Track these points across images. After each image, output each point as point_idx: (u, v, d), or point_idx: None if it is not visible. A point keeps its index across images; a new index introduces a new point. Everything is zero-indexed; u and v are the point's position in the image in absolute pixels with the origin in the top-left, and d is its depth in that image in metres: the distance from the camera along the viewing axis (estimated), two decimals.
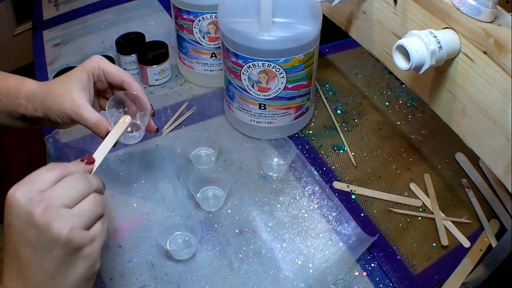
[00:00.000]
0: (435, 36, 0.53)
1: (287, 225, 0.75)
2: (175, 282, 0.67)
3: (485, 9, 0.52)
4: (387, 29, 0.67)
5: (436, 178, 0.83)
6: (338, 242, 0.72)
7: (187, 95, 0.98)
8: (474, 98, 0.55)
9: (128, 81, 0.66)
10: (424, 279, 0.69)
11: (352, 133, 0.91)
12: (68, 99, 0.62)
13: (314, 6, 0.77)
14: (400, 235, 0.74)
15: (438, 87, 0.60)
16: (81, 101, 0.62)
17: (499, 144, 0.53)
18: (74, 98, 0.62)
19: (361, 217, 0.77)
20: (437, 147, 0.88)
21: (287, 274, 0.69)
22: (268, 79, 0.79)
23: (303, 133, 0.91)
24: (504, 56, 0.49)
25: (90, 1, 1.29)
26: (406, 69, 0.54)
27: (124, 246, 0.72)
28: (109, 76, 0.66)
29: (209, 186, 0.79)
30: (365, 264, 0.70)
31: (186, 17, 0.90)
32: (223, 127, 0.91)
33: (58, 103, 0.62)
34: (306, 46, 0.77)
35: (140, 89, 0.67)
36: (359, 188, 0.81)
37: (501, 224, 0.76)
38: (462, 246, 0.73)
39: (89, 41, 1.14)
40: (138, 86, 0.67)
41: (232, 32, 0.77)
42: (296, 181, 0.81)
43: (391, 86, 1.02)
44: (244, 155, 0.86)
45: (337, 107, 0.96)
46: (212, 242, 0.72)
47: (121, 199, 0.78)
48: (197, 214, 0.76)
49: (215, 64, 0.96)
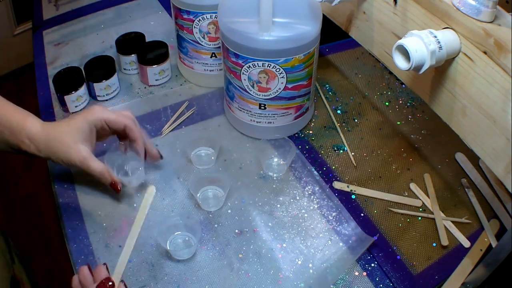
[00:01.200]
0: (435, 36, 0.53)
1: (287, 225, 0.75)
2: (175, 282, 0.67)
3: (485, 9, 0.52)
4: (387, 29, 0.67)
5: (436, 178, 0.83)
6: (338, 242, 0.72)
7: (187, 95, 0.98)
8: (474, 98, 0.55)
9: (130, 127, 0.74)
10: (424, 279, 0.69)
11: (352, 133, 0.91)
12: (75, 151, 0.69)
13: (314, 6, 0.77)
14: (400, 235, 0.74)
15: (438, 87, 0.60)
16: (87, 153, 0.70)
17: (499, 144, 0.53)
18: (80, 151, 0.69)
19: (361, 217, 0.77)
20: (437, 147, 0.88)
21: (287, 274, 0.69)
22: (268, 79, 0.79)
23: (303, 133, 0.91)
24: (504, 56, 0.49)
25: (90, 1, 1.29)
26: (406, 69, 0.54)
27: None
28: (112, 124, 0.73)
29: (209, 186, 0.79)
30: (365, 264, 0.70)
31: (186, 17, 0.90)
32: (223, 127, 0.91)
33: (64, 152, 0.69)
34: (306, 46, 0.77)
35: (141, 136, 0.75)
36: (359, 188, 0.81)
37: (501, 224, 0.76)
38: (462, 246, 0.73)
39: (89, 41, 1.14)
40: (138, 132, 0.75)
41: (232, 32, 0.77)
42: (296, 181, 0.81)
43: (391, 86, 1.02)
44: (244, 155, 0.86)
45: (337, 107, 0.96)
46: (212, 242, 0.72)
47: (121, 199, 0.78)
48: (197, 214, 0.76)
49: (215, 64, 0.96)
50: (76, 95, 0.91)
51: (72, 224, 0.74)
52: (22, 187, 1.92)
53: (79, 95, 0.92)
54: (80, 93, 0.92)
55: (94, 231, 0.73)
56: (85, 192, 0.79)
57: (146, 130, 0.90)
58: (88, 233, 0.73)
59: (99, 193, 0.79)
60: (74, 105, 0.92)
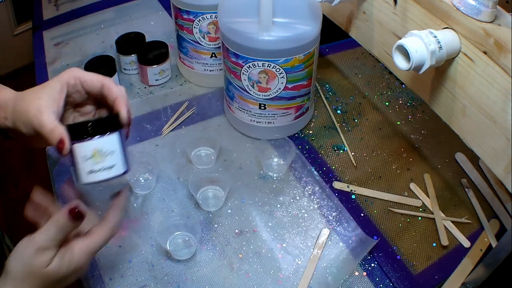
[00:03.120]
0: (435, 36, 0.53)
1: (287, 225, 0.75)
2: (175, 282, 0.67)
3: (485, 9, 0.52)
4: (387, 29, 0.67)
5: (436, 178, 0.83)
6: (338, 242, 0.72)
7: (187, 95, 0.98)
8: (474, 98, 0.55)
9: (108, 85, 0.61)
10: (424, 279, 0.69)
11: (352, 133, 0.91)
12: (34, 106, 0.58)
13: (314, 6, 0.77)
14: (400, 235, 0.74)
15: (438, 87, 0.60)
16: (45, 108, 0.58)
17: (499, 144, 0.53)
18: (40, 106, 0.58)
19: (361, 217, 0.77)
20: (437, 147, 0.88)
21: (287, 274, 0.69)
22: (268, 79, 0.79)
23: (303, 133, 0.91)
24: (504, 56, 0.49)
25: (90, 1, 1.29)
26: (406, 69, 0.54)
27: (124, 246, 0.72)
28: (88, 84, 0.61)
29: (209, 186, 0.79)
30: (365, 264, 0.70)
31: (186, 17, 0.90)
32: (223, 127, 0.91)
33: (25, 110, 0.58)
34: (306, 46, 0.77)
35: (122, 93, 0.61)
36: (359, 188, 0.81)
37: (501, 224, 0.76)
38: (462, 246, 0.73)
39: (89, 41, 1.14)
40: (119, 90, 0.61)
41: (232, 32, 0.77)
42: (296, 181, 0.81)
43: (391, 86, 1.02)
44: (244, 155, 0.86)
45: (337, 107, 0.96)
46: (212, 242, 0.72)
47: None
48: (197, 214, 0.76)
49: (215, 64, 0.96)
50: None
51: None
52: (22, 187, 1.92)
53: None
54: None
55: None
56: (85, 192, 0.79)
57: (146, 130, 0.90)
58: None
59: (99, 193, 0.79)
60: None
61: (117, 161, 0.54)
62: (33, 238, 0.53)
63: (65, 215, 0.53)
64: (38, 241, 0.52)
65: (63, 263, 0.53)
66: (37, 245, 0.52)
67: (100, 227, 0.57)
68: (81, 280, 0.68)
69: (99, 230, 0.57)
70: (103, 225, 0.57)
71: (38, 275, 0.52)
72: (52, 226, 0.53)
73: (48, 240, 0.53)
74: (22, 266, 0.52)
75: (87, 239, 0.56)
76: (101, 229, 0.57)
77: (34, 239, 0.52)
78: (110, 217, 0.58)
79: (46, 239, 0.53)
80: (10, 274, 0.52)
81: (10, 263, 0.52)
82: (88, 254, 0.55)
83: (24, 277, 0.52)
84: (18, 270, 0.52)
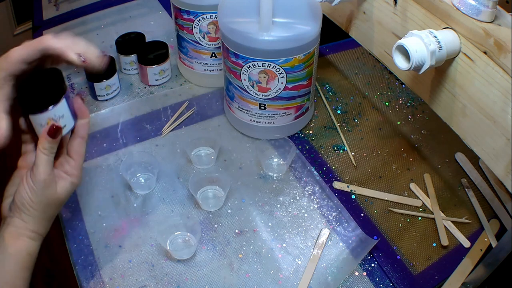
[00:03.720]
0: (435, 36, 0.53)
1: (287, 225, 0.75)
2: (175, 282, 0.67)
3: (485, 9, 0.52)
4: (387, 29, 0.67)
5: (436, 178, 0.83)
6: (338, 242, 0.72)
7: (187, 95, 0.98)
8: (474, 98, 0.55)
9: (46, 48, 0.57)
10: (424, 279, 0.69)
11: (352, 133, 0.91)
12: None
13: (314, 6, 0.77)
14: (400, 235, 0.74)
15: (438, 87, 0.60)
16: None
17: (499, 144, 0.53)
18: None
19: (361, 217, 0.77)
20: (437, 147, 0.88)
21: (287, 274, 0.69)
22: (268, 79, 0.79)
23: (303, 133, 0.91)
24: (504, 56, 0.49)
25: (90, 1, 1.29)
26: (406, 69, 0.54)
27: (124, 246, 0.72)
28: (30, 56, 0.56)
29: (209, 186, 0.79)
30: (365, 264, 0.70)
31: (186, 17, 0.90)
32: (223, 127, 0.91)
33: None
34: (306, 46, 0.77)
35: (64, 43, 0.59)
36: (359, 188, 0.81)
37: (501, 224, 0.76)
38: (462, 246, 0.73)
39: (89, 41, 1.12)
40: (62, 41, 0.58)
41: (232, 32, 0.77)
42: (296, 181, 0.81)
43: (391, 86, 1.02)
44: (244, 155, 0.86)
45: (337, 107, 0.97)
46: (212, 242, 0.72)
47: (121, 199, 0.78)
48: (197, 214, 0.76)
49: (215, 64, 0.96)
50: None
51: (72, 224, 0.75)
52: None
53: None
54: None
55: (94, 231, 0.73)
56: (85, 192, 0.79)
57: (146, 130, 0.90)
58: (88, 233, 0.73)
59: (99, 193, 0.79)
60: None
61: (67, 121, 0.60)
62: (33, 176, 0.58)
63: (46, 138, 0.57)
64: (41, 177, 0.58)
65: (68, 183, 0.61)
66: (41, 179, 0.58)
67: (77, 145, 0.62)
68: (81, 280, 0.68)
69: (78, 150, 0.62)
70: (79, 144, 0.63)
71: (54, 203, 0.60)
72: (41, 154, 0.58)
73: (46, 172, 0.58)
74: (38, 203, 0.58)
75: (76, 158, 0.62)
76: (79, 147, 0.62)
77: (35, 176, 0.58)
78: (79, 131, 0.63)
79: (44, 171, 0.58)
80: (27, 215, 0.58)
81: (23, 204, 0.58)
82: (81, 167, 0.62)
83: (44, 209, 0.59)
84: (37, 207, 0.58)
